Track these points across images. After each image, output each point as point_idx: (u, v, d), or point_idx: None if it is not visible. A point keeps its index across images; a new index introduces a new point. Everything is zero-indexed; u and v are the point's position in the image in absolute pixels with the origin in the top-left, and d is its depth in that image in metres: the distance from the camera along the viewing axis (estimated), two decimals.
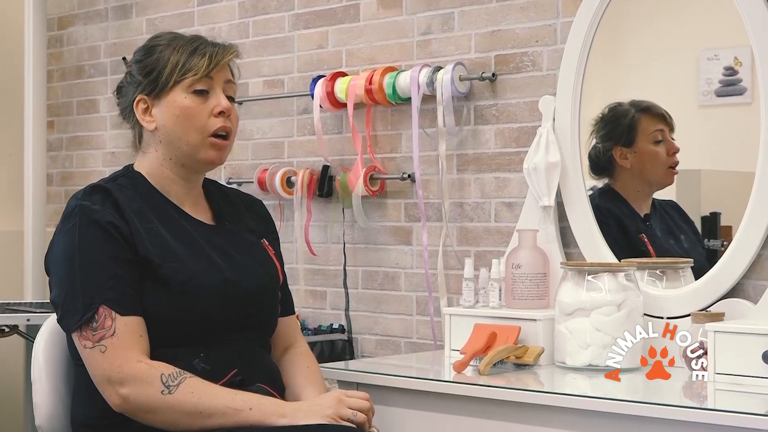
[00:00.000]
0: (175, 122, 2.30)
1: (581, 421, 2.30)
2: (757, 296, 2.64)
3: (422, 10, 3.41)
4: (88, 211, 2.21)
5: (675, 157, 2.92)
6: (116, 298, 2.17)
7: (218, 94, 2.32)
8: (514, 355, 2.66)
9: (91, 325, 2.16)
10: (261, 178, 3.72)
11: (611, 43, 3.04)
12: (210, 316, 2.24)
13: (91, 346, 2.16)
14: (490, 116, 3.24)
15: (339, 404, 2.16)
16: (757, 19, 2.67)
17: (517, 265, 2.86)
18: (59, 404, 2.34)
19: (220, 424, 2.12)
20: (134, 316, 2.18)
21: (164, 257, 2.22)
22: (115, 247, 2.19)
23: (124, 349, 2.15)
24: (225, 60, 2.34)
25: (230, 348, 2.27)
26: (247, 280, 2.31)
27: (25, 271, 4.50)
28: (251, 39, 3.89)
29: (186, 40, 2.34)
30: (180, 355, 2.21)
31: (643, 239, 2.95)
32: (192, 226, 2.32)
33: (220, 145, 2.32)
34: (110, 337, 2.15)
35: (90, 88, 4.50)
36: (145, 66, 2.33)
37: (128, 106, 2.35)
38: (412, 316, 3.43)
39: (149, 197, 2.31)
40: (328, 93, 3.51)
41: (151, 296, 2.21)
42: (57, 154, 4.63)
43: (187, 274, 2.23)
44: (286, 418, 2.12)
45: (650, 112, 2.96)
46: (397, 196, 3.48)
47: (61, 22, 4.65)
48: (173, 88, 2.30)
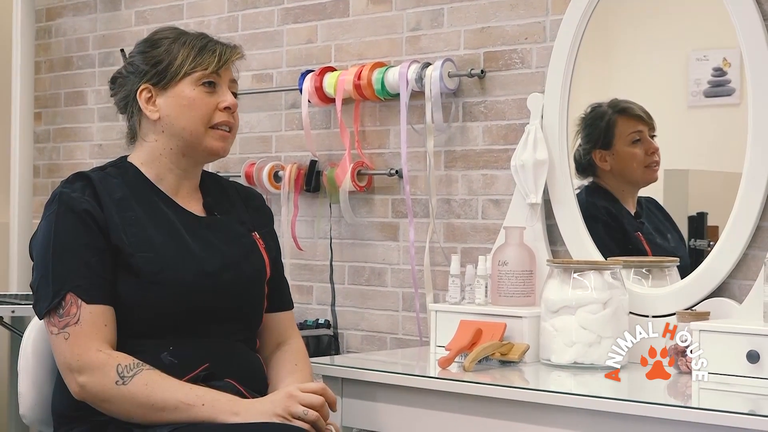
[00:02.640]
0: (181, 112, 2.31)
1: (566, 418, 2.30)
2: (742, 296, 2.65)
3: (412, 6, 3.41)
4: (67, 198, 2.23)
5: (654, 156, 2.93)
6: (85, 285, 2.18)
7: (225, 91, 2.36)
8: (499, 352, 2.66)
9: (58, 312, 2.18)
10: (248, 172, 3.71)
11: (600, 42, 3.04)
12: (181, 307, 2.24)
13: (56, 333, 2.18)
14: (478, 113, 3.24)
15: (290, 400, 2.14)
16: (746, 20, 2.67)
17: (503, 262, 2.86)
18: (42, 394, 2.35)
19: (173, 418, 2.12)
20: (101, 305, 2.19)
21: (138, 247, 2.23)
22: (89, 235, 2.21)
23: (86, 338, 2.16)
24: (233, 59, 2.38)
25: (205, 342, 2.26)
26: (227, 272, 2.30)
27: (11, 263, 4.49)
28: (240, 33, 3.88)
29: (194, 36, 2.37)
30: (148, 347, 2.21)
31: (640, 238, 2.95)
32: (179, 217, 2.32)
33: (222, 135, 2.35)
34: (74, 324, 2.17)
35: (78, 80, 4.48)
36: (152, 57, 2.34)
37: (128, 95, 2.36)
38: (398, 312, 3.43)
39: (137, 187, 2.31)
40: (316, 88, 3.51)
41: (122, 285, 2.22)
42: (44, 145, 4.61)
43: (159, 265, 2.23)
44: (239, 416, 2.11)
45: (627, 113, 2.97)
46: (384, 191, 3.48)
47: (49, 13, 4.64)
48: (182, 80, 2.32)
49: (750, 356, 2.37)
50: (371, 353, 3.33)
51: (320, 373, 2.70)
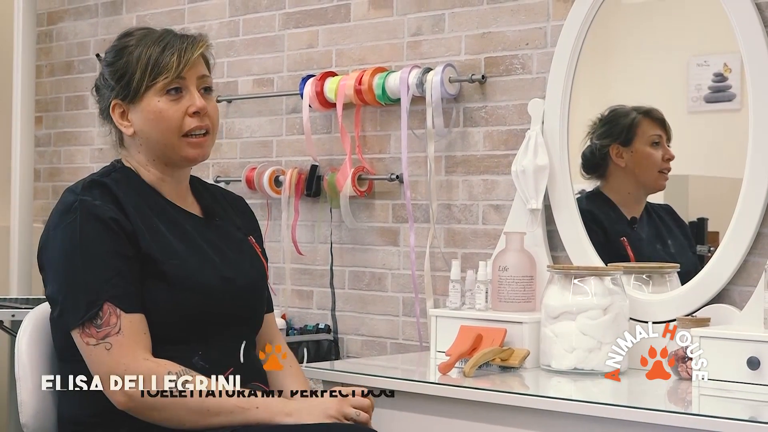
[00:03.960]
0: (151, 126, 2.26)
1: (566, 424, 2.30)
2: (742, 302, 2.65)
3: (413, 11, 3.41)
4: (89, 206, 2.18)
5: (669, 164, 2.93)
6: (120, 295, 2.14)
7: (192, 93, 2.28)
8: (499, 358, 2.66)
9: (95, 322, 2.13)
10: (249, 176, 3.71)
11: (601, 48, 3.04)
12: (208, 313, 2.23)
13: (95, 344, 2.14)
14: (479, 118, 3.24)
15: (341, 403, 2.15)
16: (746, 25, 2.67)
17: (504, 267, 2.86)
18: (45, 401, 2.32)
19: (228, 422, 2.11)
20: (138, 313, 2.16)
21: (165, 254, 2.21)
22: (118, 243, 2.17)
23: (130, 347, 2.13)
24: (195, 56, 2.28)
25: (225, 346, 2.26)
26: (240, 277, 2.31)
27: (11, 267, 4.48)
28: (241, 37, 3.89)
29: (154, 37, 2.28)
30: (179, 352, 2.19)
31: (624, 243, 2.95)
32: (186, 221, 2.31)
33: (197, 143, 2.29)
34: (116, 334, 2.13)
35: (79, 84, 4.49)
36: (116, 70, 2.29)
37: (105, 109, 2.33)
38: (399, 317, 3.43)
39: (143, 192, 2.29)
40: (317, 93, 3.51)
41: (153, 293, 2.19)
42: (45, 149, 4.61)
43: (186, 271, 2.21)
44: (292, 417, 2.11)
45: (651, 115, 2.97)
46: (385, 196, 3.48)
47: (50, 17, 4.64)
48: (146, 93, 2.26)
49: (750, 363, 2.37)
50: (371, 358, 3.33)
51: (320, 378, 2.70)
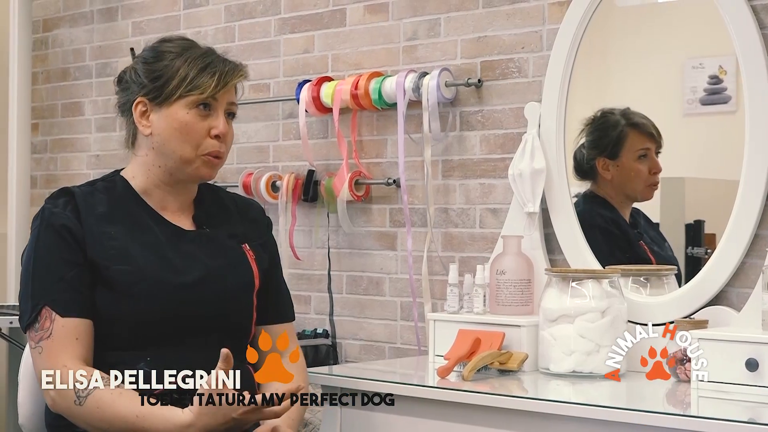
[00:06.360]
0: (172, 134, 2.29)
1: (565, 427, 2.30)
2: (740, 304, 2.65)
3: (408, 16, 3.41)
4: (48, 213, 2.27)
5: (656, 177, 2.93)
6: (59, 299, 2.20)
7: (219, 116, 2.30)
8: (498, 361, 2.66)
9: (34, 326, 2.21)
10: (246, 182, 3.72)
11: (597, 51, 3.05)
12: (156, 319, 2.24)
13: (33, 347, 2.21)
14: (475, 122, 3.24)
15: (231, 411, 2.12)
16: (742, 27, 2.68)
17: (501, 271, 2.86)
18: (42, 404, 2.35)
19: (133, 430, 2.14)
20: (75, 318, 2.20)
21: (114, 260, 2.24)
22: (67, 250, 2.23)
23: (56, 352, 2.18)
24: (233, 82, 2.32)
25: (186, 353, 2.25)
26: (210, 284, 2.30)
27: (8, 274, 4.49)
28: (237, 43, 3.89)
29: (198, 53, 2.31)
30: (127, 358, 2.22)
31: (643, 246, 2.96)
32: (163, 232, 2.32)
33: (213, 163, 2.32)
34: (47, 338, 2.19)
35: (75, 91, 4.49)
36: (153, 70, 2.30)
37: (127, 103, 2.34)
38: (397, 322, 3.43)
39: (123, 201, 2.32)
40: (313, 97, 3.51)
41: (99, 298, 2.23)
42: (41, 156, 4.61)
43: (135, 277, 2.24)
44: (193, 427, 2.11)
45: (639, 128, 2.96)
46: (382, 201, 3.48)
47: (46, 24, 4.64)
48: (177, 101, 2.28)
49: (749, 364, 2.37)
50: (370, 363, 3.33)
51: (319, 383, 2.70)
